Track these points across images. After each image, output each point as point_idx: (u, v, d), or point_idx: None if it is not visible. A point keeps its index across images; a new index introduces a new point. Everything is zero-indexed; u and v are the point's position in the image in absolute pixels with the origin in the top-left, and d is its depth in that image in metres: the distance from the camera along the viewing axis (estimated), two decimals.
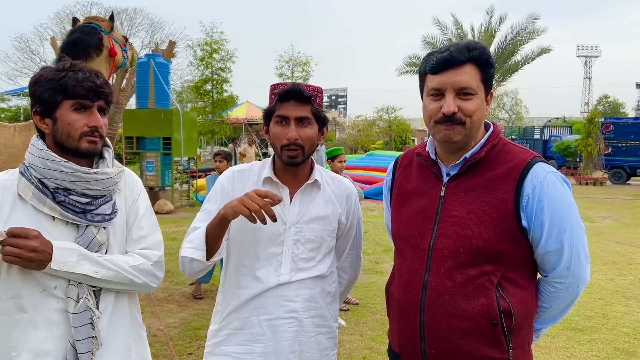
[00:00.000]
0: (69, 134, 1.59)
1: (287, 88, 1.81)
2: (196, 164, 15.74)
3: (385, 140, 28.59)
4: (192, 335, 4.63)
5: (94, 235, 1.61)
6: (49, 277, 1.56)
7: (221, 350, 1.87)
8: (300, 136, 1.80)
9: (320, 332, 1.91)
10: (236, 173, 1.93)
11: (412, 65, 26.95)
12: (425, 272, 1.61)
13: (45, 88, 1.57)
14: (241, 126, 27.68)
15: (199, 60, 21.85)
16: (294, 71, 24.67)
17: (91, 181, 1.59)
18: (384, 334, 4.73)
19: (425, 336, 1.61)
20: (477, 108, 1.58)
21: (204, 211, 1.89)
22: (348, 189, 2.01)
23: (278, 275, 1.83)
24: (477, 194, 1.59)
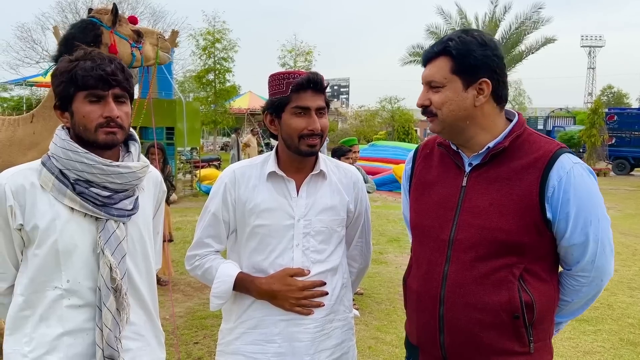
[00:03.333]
0: (85, 127, 1.55)
1: (306, 77, 1.77)
2: (199, 154, 15.73)
3: (388, 131, 28.48)
4: (198, 325, 4.64)
5: (113, 229, 1.57)
6: (58, 273, 1.54)
7: (234, 349, 1.85)
8: (320, 126, 1.79)
9: (336, 326, 1.89)
10: (237, 171, 1.88)
11: (415, 55, 26.79)
12: (446, 264, 1.59)
13: (60, 81, 1.54)
14: (244, 116, 27.63)
15: (201, 49, 21.80)
16: (297, 61, 24.58)
17: (113, 174, 1.56)
18: (389, 324, 4.74)
19: (445, 328, 1.59)
20: (446, 100, 1.57)
21: (211, 214, 1.88)
22: (354, 176, 1.98)
23: None
24: (500, 185, 1.56)
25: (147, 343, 1.72)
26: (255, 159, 1.93)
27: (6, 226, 1.54)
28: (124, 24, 3.14)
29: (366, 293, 5.56)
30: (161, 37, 3.22)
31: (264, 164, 1.88)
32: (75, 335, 1.55)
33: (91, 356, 1.56)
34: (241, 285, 1.81)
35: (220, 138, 34.87)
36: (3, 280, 1.60)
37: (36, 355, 1.53)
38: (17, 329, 1.56)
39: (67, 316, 1.54)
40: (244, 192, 1.84)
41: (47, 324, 1.54)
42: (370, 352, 4.15)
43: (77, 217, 1.55)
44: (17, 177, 1.54)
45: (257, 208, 1.82)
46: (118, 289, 1.57)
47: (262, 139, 24.12)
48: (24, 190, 1.53)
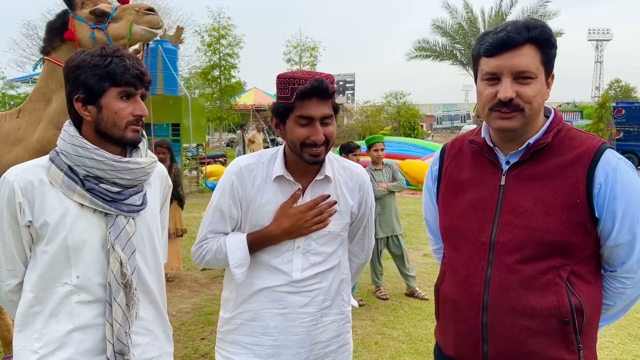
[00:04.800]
0: (115, 123, 1.56)
1: (309, 86, 1.66)
2: (205, 150, 15.75)
3: (394, 126, 28.39)
4: (205, 321, 4.65)
5: (123, 225, 1.58)
6: (68, 269, 1.55)
7: (232, 339, 1.86)
8: (325, 135, 1.72)
9: (332, 320, 1.89)
10: (244, 168, 1.84)
11: (421, 49, 26.68)
12: (488, 267, 1.50)
13: (91, 74, 1.52)
14: (249, 112, 27.61)
15: (207, 46, 21.74)
16: (302, 56, 24.51)
17: (122, 170, 1.56)
18: (396, 319, 4.73)
19: (489, 337, 1.50)
20: (537, 93, 1.46)
21: (217, 210, 1.86)
22: (361, 178, 1.93)
23: (290, 272, 1.81)
24: (543, 182, 1.47)
25: (156, 338, 1.72)
26: (262, 156, 1.88)
27: (15, 223, 1.54)
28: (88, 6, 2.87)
29: (371, 289, 5.55)
30: (139, 12, 2.84)
31: (270, 163, 1.84)
32: (85, 330, 1.55)
33: (101, 351, 1.56)
34: (255, 244, 1.80)
35: (225, 134, 34.89)
36: (13, 277, 1.60)
37: (47, 352, 1.53)
38: (27, 325, 1.56)
39: (77, 312, 1.55)
40: (250, 190, 1.82)
41: (57, 320, 1.54)
42: (377, 348, 4.14)
43: (87, 213, 1.56)
44: (25, 174, 1.54)
45: (262, 208, 1.81)
46: (128, 285, 1.57)
47: (267, 135, 24.12)
48: (32, 187, 1.53)
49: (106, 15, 2.81)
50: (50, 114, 2.85)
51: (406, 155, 15.37)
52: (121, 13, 2.82)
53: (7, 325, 3.52)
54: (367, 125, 28.74)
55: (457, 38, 26.33)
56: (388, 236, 5.32)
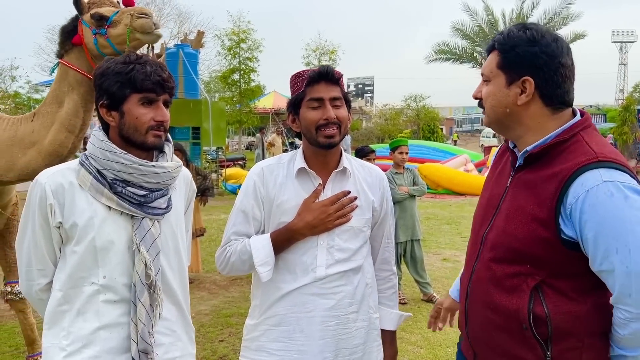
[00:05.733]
0: (136, 128, 1.60)
1: (317, 70, 1.81)
2: (224, 153, 15.88)
3: (413, 129, 28.29)
4: (223, 323, 4.68)
5: (149, 227, 1.62)
6: (95, 269, 1.59)
7: (258, 346, 1.86)
8: (337, 115, 1.80)
9: (360, 326, 1.88)
10: (265, 169, 1.89)
11: (441, 52, 26.49)
12: (476, 260, 1.62)
13: (114, 81, 1.57)
14: (268, 115, 27.78)
15: (227, 50, 21.97)
16: (321, 60, 24.60)
17: (149, 174, 1.61)
18: (414, 324, 4.70)
19: (468, 321, 1.65)
20: (489, 94, 1.55)
21: (240, 211, 1.88)
22: (379, 175, 1.98)
23: (314, 268, 1.81)
24: (528, 190, 1.49)
25: (179, 338, 1.76)
26: (281, 157, 1.94)
27: (46, 224, 1.59)
28: (93, 9, 2.85)
29: None
30: (134, 15, 2.76)
31: (290, 162, 1.89)
32: (110, 329, 1.59)
33: (125, 350, 1.60)
34: (279, 241, 1.81)
35: (245, 137, 35.14)
36: (43, 277, 1.65)
37: (74, 349, 1.57)
38: (55, 323, 1.61)
39: (103, 311, 1.59)
40: (272, 189, 1.85)
41: (84, 318, 1.59)
42: None
43: (114, 215, 1.60)
44: (56, 177, 1.59)
45: (284, 205, 1.83)
46: (152, 285, 1.61)
47: (286, 138, 24.20)
48: (63, 190, 1.58)
49: (105, 19, 2.81)
50: (62, 116, 2.89)
51: (426, 159, 15.30)
52: (119, 17, 2.81)
53: (30, 324, 3.59)
54: (386, 128, 28.67)
55: (478, 40, 26.09)
56: (407, 240, 5.30)
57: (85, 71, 2.87)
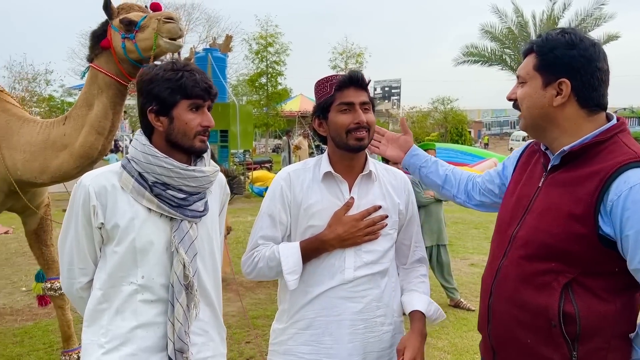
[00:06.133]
0: (185, 133, 1.65)
1: (347, 76, 1.83)
2: (251, 156, 16.02)
3: (441, 132, 28.03)
4: (251, 324, 4.72)
5: (187, 229, 1.66)
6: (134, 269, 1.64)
7: (286, 349, 1.88)
8: (366, 120, 1.83)
9: (387, 330, 1.89)
10: (292, 173, 1.91)
11: (469, 55, 26.18)
12: (502, 258, 1.62)
13: (164, 87, 1.62)
14: (294, 119, 27.90)
15: (254, 53, 22.16)
16: (348, 63, 24.61)
17: (188, 178, 1.65)
18: (441, 329, 4.66)
19: (491, 319, 1.64)
20: (525, 95, 1.58)
21: (267, 216, 1.90)
22: (404, 178, 2.00)
23: (342, 270, 1.82)
24: (564, 189, 1.52)
25: (211, 338, 1.80)
26: (307, 162, 1.97)
27: (88, 225, 1.64)
28: (122, 15, 2.91)
29: None
30: (161, 20, 2.81)
31: (316, 166, 1.91)
32: (147, 328, 1.64)
33: (161, 349, 1.64)
34: (308, 250, 1.83)
35: (271, 140, 35.37)
36: (84, 275, 1.70)
37: (112, 346, 1.62)
38: (95, 321, 1.66)
39: (141, 310, 1.64)
40: (299, 193, 1.87)
41: (122, 317, 1.64)
42: None
43: (154, 217, 1.65)
44: (99, 179, 1.65)
45: (311, 209, 1.85)
46: (189, 286, 1.66)
47: (312, 141, 24.26)
48: (105, 192, 1.63)
49: (133, 24, 2.86)
50: (91, 118, 2.96)
51: (453, 162, 15.10)
52: (147, 22, 2.85)
53: (67, 321, 3.69)
54: (413, 131, 28.49)
55: (507, 43, 25.71)
56: (433, 245, 5.25)
57: (114, 74, 2.94)
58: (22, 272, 6.46)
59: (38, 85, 25.47)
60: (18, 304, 5.29)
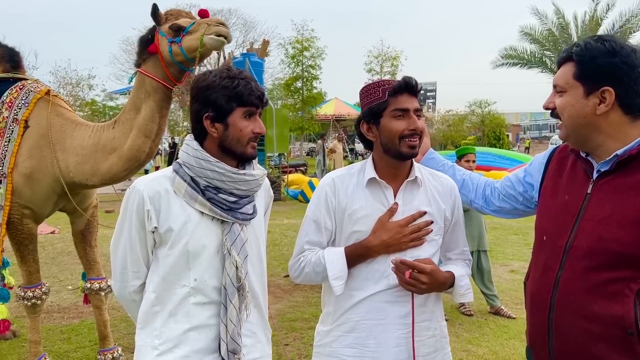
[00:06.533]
0: (239, 140, 1.69)
1: (403, 81, 1.83)
2: (287, 160, 16.12)
3: (477, 136, 27.58)
4: (288, 327, 4.75)
5: (238, 232, 1.70)
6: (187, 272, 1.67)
7: (331, 352, 1.89)
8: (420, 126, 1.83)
9: (432, 334, 1.88)
10: (336, 179, 1.92)
11: (508, 57, 25.63)
12: (559, 270, 1.58)
13: (221, 95, 1.65)
14: (329, 122, 27.93)
15: (290, 58, 22.28)
16: (383, 66, 24.51)
17: (239, 181, 1.69)
18: (481, 336, 4.59)
19: (554, 333, 1.59)
20: (566, 105, 1.56)
21: (312, 221, 1.92)
22: (450, 184, 1.98)
23: (387, 275, 1.82)
24: (625, 194, 1.49)
25: (259, 340, 1.82)
26: (351, 167, 1.97)
27: (142, 229, 1.68)
28: (170, 21, 3.00)
29: (455, 304, 5.41)
30: (211, 25, 2.90)
31: (360, 172, 1.92)
32: (200, 330, 1.67)
33: (213, 350, 1.68)
34: (353, 256, 1.83)
35: (305, 144, 35.51)
36: (137, 279, 1.74)
37: (166, 348, 1.66)
38: (148, 323, 1.70)
39: (193, 313, 1.67)
40: (343, 199, 1.88)
41: (175, 319, 1.67)
42: None
43: (206, 220, 1.69)
44: (153, 184, 1.69)
45: (355, 215, 1.85)
46: (242, 288, 1.69)
47: (346, 145, 24.22)
48: (159, 196, 1.67)
49: (182, 29, 2.94)
50: (139, 122, 3.05)
51: (491, 167, 14.88)
52: (196, 27, 2.93)
53: (104, 321, 3.79)
54: (449, 135, 28.13)
55: (547, 45, 25.10)
56: (473, 251, 5.17)
57: (161, 79, 3.02)
58: (68, 271, 6.68)
59: (81, 89, 26.31)
60: (65, 302, 5.47)
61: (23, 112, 3.23)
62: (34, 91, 3.33)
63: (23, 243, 3.36)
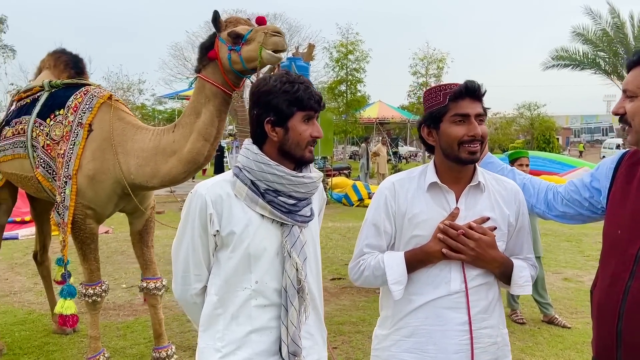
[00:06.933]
0: (298, 143, 1.71)
1: (464, 86, 1.79)
2: (331, 163, 16.16)
3: (527, 139, 26.88)
4: (336, 330, 4.75)
5: (298, 234, 1.72)
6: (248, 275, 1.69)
7: (389, 356, 1.88)
8: (481, 132, 1.79)
9: (493, 342, 1.85)
10: (396, 183, 1.91)
11: (559, 58, 24.90)
12: (629, 279, 1.54)
13: (282, 99, 1.67)
14: (372, 125, 27.82)
15: (335, 61, 22.33)
16: (429, 69, 24.22)
17: (298, 184, 1.71)
18: (535, 345, 4.47)
19: (622, 344, 1.55)
20: (637, 110, 1.53)
21: (372, 225, 1.92)
22: (515, 188, 1.93)
23: (448, 281, 1.80)
24: None
25: (316, 342, 1.83)
26: (412, 171, 1.96)
27: (204, 232, 1.72)
28: (230, 28, 3.03)
29: (507, 311, 5.28)
30: (268, 33, 2.90)
31: (422, 176, 1.90)
32: (261, 333, 1.69)
33: (274, 353, 1.70)
34: (413, 261, 1.82)
35: (349, 147, 35.48)
36: (198, 281, 1.78)
37: (229, 351, 1.69)
38: (211, 325, 1.74)
39: (255, 315, 1.69)
40: (403, 202, 1.87)
41: (237, 322, 1.70)
42: None
43: (266, 223, 1.71)
44: (215, 188, 1.72)
45: (416, 219, 1.84)
46: (302, 290, 1.70)
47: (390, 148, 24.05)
48: (221, 200, 1.70)
49: (240, 37, 2.96)
50: (199, 126, 3.13)
51: (541, 171, 14.45)
52: (254, 35, 2.94)
53: (159, 319, 3.89)
54: (496, 138, 27.54)
55: (601, 45, 24.23)
56: None
57: (220, 84, 3.08)
58: (122, 269, 6.90)
59: (132, 94, 27.20)
60: (119, 300, 5.65)
61: (87, 116, 3.38)
62: (97, 96, 3.48)
63: (85, 242, 3.50)
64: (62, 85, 3.69)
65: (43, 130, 3.52)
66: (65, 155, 3.33)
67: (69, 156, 3.32)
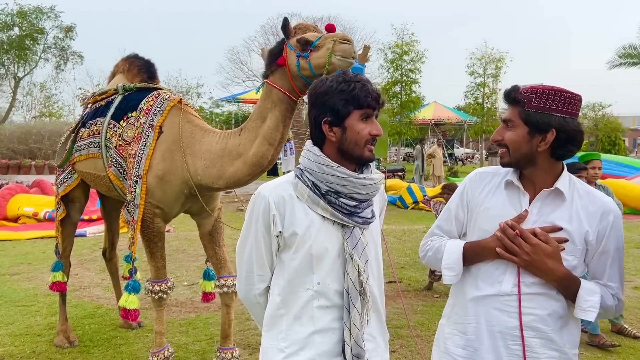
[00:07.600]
0: (356, 142, 1.71)
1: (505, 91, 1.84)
2: (385, 165, 16.05)
3: (591, 141, 25.72)
4: (394, 334, 4.70)
5: (359, 236, 1.72)
6: (310, 276, 1.70)
7: (445, 349, 1.91)
8: (503, 137, 1.81)
9: (551, 355, 1.75)
10: (480, 174, 1.95)
11: (626, 56, 23.64)
12: None
13: (338, 99, 1.68)
14: (427, 126, 27.44)
15: (389, 62, 22.19)
16: (487, 68, 23.65)
17: (360, 186, 1.70)
18: (603, 356, 4.27)
19: None
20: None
21: (447, 208, 2.00)
22: (605, 206, 1.77)
23: (501, 281, 1.77)
24: None
25: (378, 345, 1.82)
26: (499, 168, 1.91)
27: (267, 233, 1.74)
28: (299, 35, 3.05)
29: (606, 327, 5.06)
30: (337, 41, 2.91)
31: (507, 174, 1.87)
32: (323, 334, 1.70)
33: (336, 354, 1.70)
34: (470, 253, 1.84)
35: (402, 149, 35.12)
36: (262, 282, 1.81)
37: (292, 351, 1.71)
38: (274, 326, 1.76)
39: (317, 316, 1.70)
40: (479, 194, 1.89)
41: (300, 322, 1.71)
42: None
43: (328, 224, 1.72)
44: (278, 190, 1.75)
45: (486, 212, 1.85)
46: (364, 292, 1.69)
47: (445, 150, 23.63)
48: (283, 202, 1.72)
49: (309, 44, 2.97)
50: (264, 130, 3.19)
51: (607, 174, 13.79)
52: (322, 42, 2.94)
53: (230, 320, 3.91)
54: None
55: None
56: None
57: (286, 90, 3.12)
58: (183, 267, 7.12)
59: (190, 97, 28.06)
60: (181, 297, 5.83)
61: (158, 119, 3.51)
62: (167, 99, 3.61)
63: (153, 240, 3.63)
64: (135, 88, 3.86)
65: (116, 131, 3.68)
66: (136, 155, 3.47)
67: (140, 157, 3.45)
